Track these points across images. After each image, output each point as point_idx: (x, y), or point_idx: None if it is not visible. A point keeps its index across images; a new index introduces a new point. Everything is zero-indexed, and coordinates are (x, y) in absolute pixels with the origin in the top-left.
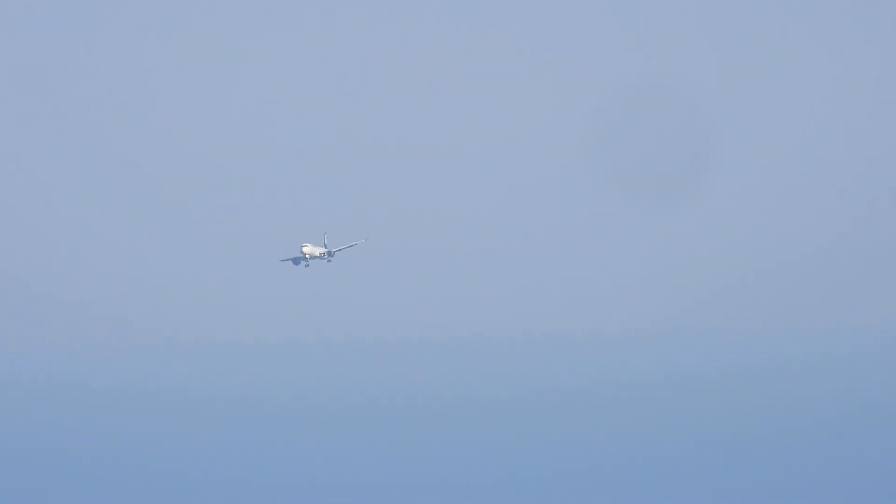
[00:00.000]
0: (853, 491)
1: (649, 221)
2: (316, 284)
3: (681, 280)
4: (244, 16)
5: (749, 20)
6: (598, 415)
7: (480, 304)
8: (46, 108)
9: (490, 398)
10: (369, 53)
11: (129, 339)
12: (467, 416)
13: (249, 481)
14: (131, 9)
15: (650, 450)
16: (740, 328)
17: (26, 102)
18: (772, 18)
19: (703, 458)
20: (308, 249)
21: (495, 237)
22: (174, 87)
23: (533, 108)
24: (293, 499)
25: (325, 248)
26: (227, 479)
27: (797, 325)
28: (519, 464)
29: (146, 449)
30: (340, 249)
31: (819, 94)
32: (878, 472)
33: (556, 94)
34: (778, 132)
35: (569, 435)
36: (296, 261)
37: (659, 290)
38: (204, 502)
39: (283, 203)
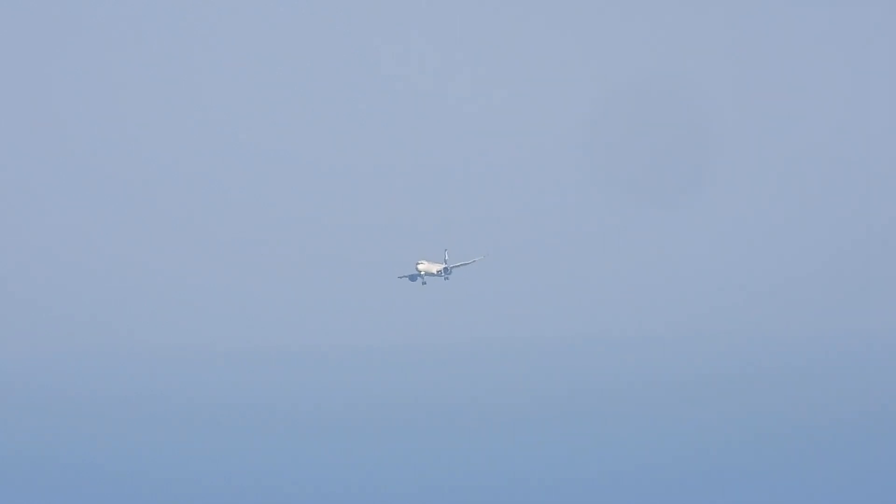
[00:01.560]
0: (855, 494)
1: (651, 224)
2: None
3: (682, 283)
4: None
5: (751, 22)
6: (600, 419)
7: (480, 309)
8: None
9: (488, 404)
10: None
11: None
12: (466, 424)
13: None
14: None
15: (652, 453)
16: (742, 332)
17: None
18: (774, 20)
19: (706, 461)
20: (423, 267)
21: (494, 239)
22: (283, 101)
23: (533, 110)
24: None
25: (445, 264)
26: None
27: (800, 329)
28: (526, 468)
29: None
30: (458, 266)
31: (821, 95)
32: (879, 475)
33: (557, 95)
34: (780, 134)
35: (571, 439)
36: (412, 278)
37: (661, 294)
38: None
39: (409, 218)
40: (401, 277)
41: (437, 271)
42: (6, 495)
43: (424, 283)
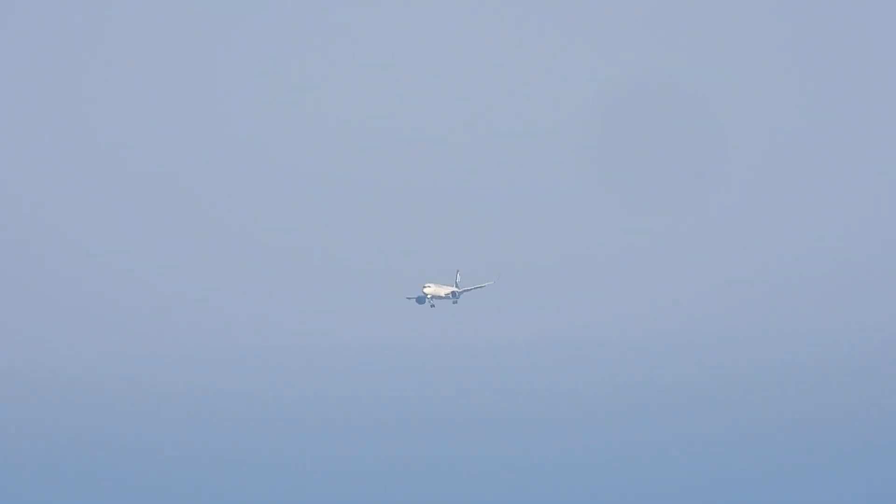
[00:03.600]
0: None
1: (649, 223)
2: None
3: (681, 283)
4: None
5: (750, 20)
6: (601, 423)
7: (485, 313)
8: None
9: (491, 408)
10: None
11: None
12: (469, 429)
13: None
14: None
15: (653, 457)
16: (741, 332)
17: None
18: (773, 18)
19: (704, 462)
20: (430, 290)
21: (493, 238)
22: (299, 115)
23: (532, 109)
24: None
25: (456, 287)
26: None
27: (800, 329)
28: (527, 474)
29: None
30: (467, 290)
31: (823, 95)
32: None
33: (557, 94)
34: (779, 132)
35: (573, 445)
36: (419, 300)
37: (659, 294)
38: None
39: (405, 219)
40: (409, 299)
41: (446, 294)
42: (8, 494)
43: (433, 305)
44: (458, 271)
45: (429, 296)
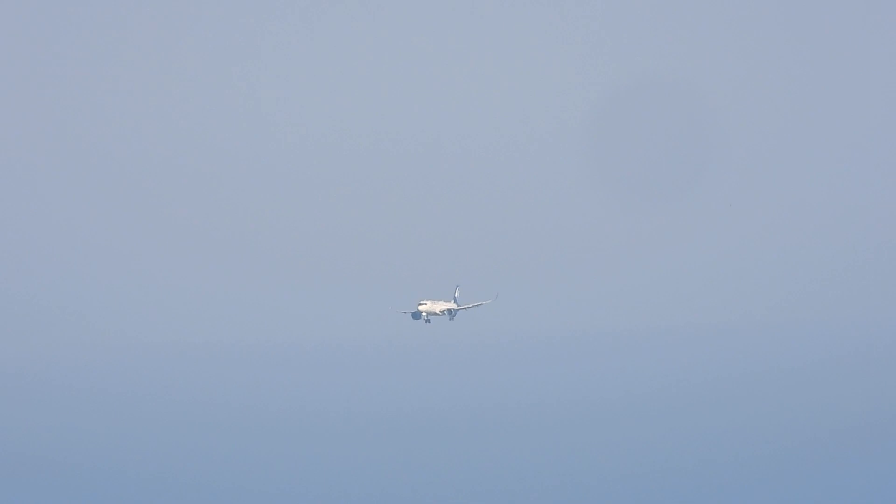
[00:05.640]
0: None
1: (649, 222)
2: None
3: (680, 280)
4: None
5: (749, 20)
6: (605, 417)
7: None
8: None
9: (491, 406)
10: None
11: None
12: (464, 427)
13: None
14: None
15: (650, 452)
16: (739, 328)
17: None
18: (772, 19)
19: (700, 458)
20: (425, 307)
21: (494, 238)
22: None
23: (533, 109)
24: None
25: (455, 303)
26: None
27: (800, 324)
28: (527, 470)
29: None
30: (464, 308)
31: (818, 94)
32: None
33: (557, 95)
34: (776, 132)
35: (574, 440)
36: (415, 315)
37: (659, 291)
38: None
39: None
40: (404, 313)
41: (441, 311)
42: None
43: (428, 321)
44: (457, 287)
45: (424, 312)
